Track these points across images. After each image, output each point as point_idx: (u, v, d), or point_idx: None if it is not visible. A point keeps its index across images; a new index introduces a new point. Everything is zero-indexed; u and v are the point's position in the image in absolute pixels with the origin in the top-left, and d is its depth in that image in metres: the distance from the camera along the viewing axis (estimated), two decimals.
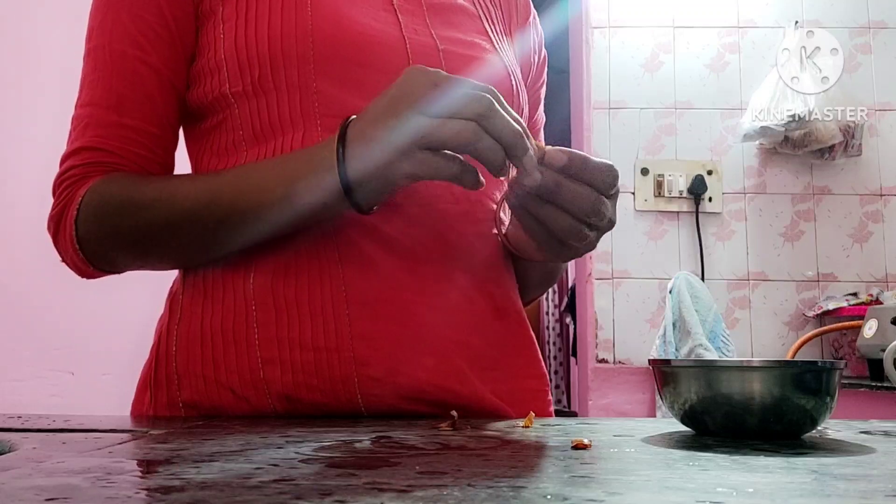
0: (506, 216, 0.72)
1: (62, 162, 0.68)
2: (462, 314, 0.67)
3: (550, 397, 0.76)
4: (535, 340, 0.75)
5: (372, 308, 0.63)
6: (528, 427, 0.56)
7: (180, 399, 0.66)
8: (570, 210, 0.57)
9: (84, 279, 0.71)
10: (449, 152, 0.55)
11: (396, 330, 0.63)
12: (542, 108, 0.89)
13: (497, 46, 0.76)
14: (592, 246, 0.62)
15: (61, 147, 0.69)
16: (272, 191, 0.60)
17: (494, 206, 0.72)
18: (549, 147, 0.57)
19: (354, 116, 0.59)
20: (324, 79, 0.64)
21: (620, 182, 0.62)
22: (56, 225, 0.68)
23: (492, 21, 0.79)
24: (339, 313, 0.63)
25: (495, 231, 0.71)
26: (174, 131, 0.71)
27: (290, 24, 0.65)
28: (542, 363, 0.76)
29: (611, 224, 0.61)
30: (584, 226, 0.59)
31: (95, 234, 0.65)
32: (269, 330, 0.63)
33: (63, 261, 0.69)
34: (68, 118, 0.70)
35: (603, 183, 0.58)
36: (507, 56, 0.77)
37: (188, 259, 0.68)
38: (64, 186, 0.67)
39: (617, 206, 0.62)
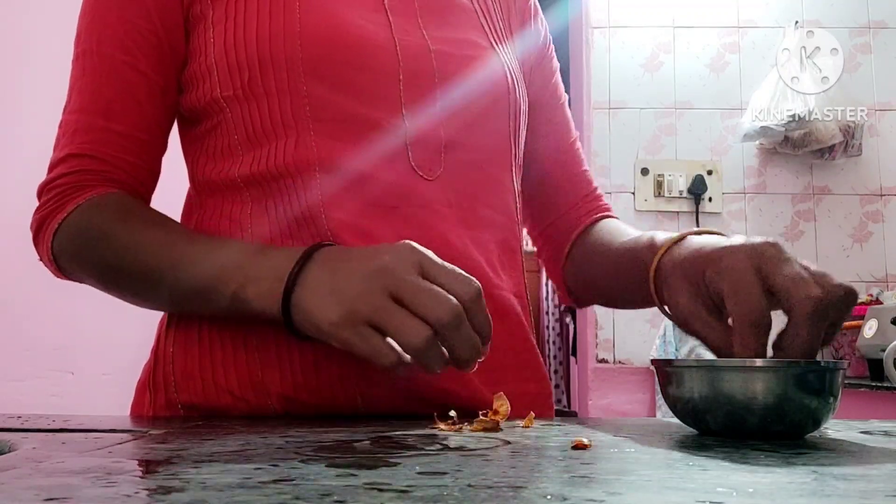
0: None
1: (50, 168, 0.68)
2: None
3: (552, 401, 0.75)
4: (536, 344, 0.74)
5: None
6: (528, 427, 0.56)
7: (178, 400, 0.66)
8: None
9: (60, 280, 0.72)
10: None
11: None
12: (558, 79, 0.87)
13: (493, 43, 0.75)
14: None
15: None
16: (224, 288, 0.59)
17: (487, 211, 0.71)
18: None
19: (329, 246, 0.59)
20: (313, 81, 0.64)
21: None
22: (37, 229, 0.68)
23: (489, 16, 0.77)
24: None
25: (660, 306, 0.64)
26: (163, 136, 0.71)
27: (278, 26, 0.64)
28: (544, 366, 0.75)
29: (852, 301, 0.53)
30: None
31: (68, 253, 0.66)
32: (267, 332, 0.63)
33: (40, 259, 0.70)
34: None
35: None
36: (505, 52, 0.76)
37: (143, 304, 0.68)
38: (52, 195, 0.67)
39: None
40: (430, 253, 0.55)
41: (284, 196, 0.64)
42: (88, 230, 0.65)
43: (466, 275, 0.54)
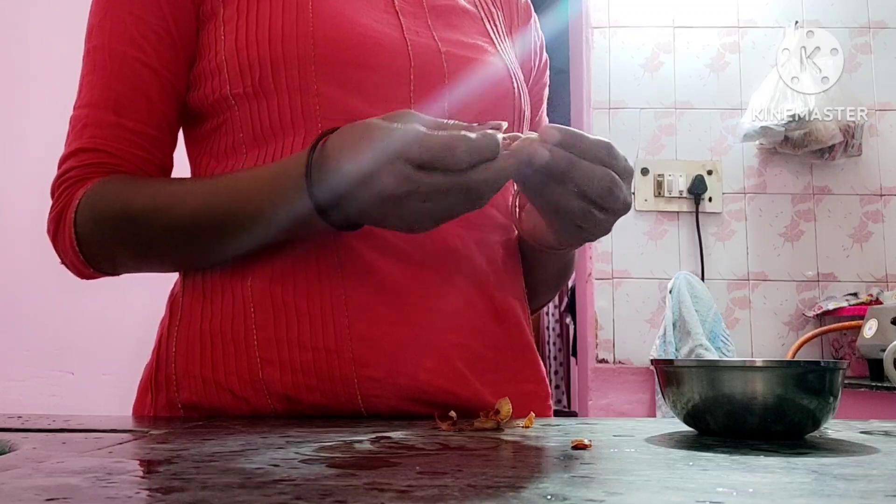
0: (519, 206, 0.71)
1: (60, 163, 0.68)
2: (462, 317, 0.67)
3: (550, 402, 0.75)
4: (535, 346, 0.74)
5: (371, 311, 0.63)
6: (528, 427, 0.56)
7: (179, 400, 0.66)
8: (581, 191, 0.56)
9: (83, 280, 0.71)
10: None
11: (396, 332, 0.63)
12: (545, 108, 0.88)
13: (499, 48, 0.76)
14: (606, 230, 0.61)
15: (61, 148, 0.69)
16: (262, 208, 0.59)
17: (494, 212, 0.72)
18: (544, 125, 0.56)
19: (334, 132, 0.57)
20: (325, 81, 0.64)
21: None
22: (55, 226, 0.68)
23: (493, 22, 0.79)
24: (338, 315, 0.63)
25: (515, 226, 0.70)
26: (173, 133, 0.71)
27: (290, 25, 0.64)
28: (542, 368, 0.75)
29: (626, 207, 0.59)
30: (594, 207, 0.58)
31: (95, 237, 0.65)
32: (268, 331, 0.63)
33: (62, 262, 0.69)
34: (68, 119, 0.70)
35: (602, 161, 0.57)
36: (509, 57, 0.77)
37: (187, 264, 0.68)
38: (63, 188, 0.67)
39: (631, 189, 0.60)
40: (410, 146, 0.52)
41: None
42: (107, 207, 0.64)
43: (448, 148, 0.51)
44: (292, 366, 0.62)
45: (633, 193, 2.36)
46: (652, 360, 0.56)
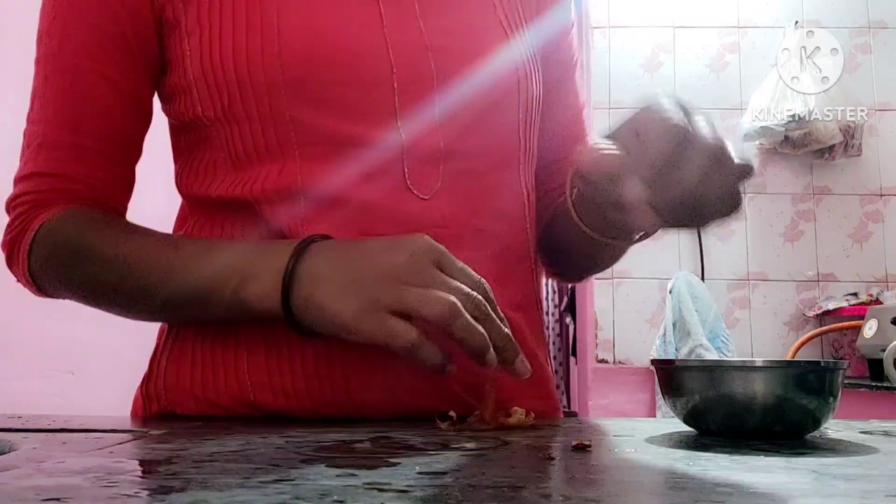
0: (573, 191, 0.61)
1: (16, 183, 0.65)
2: None
3: (559, 416, 0.71)
4: (543, 358, 0.69)
5: None
6: (528, 427, 0.56)
7: (172, 412, 0.65)
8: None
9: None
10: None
11: (391, 355, 0.59)
12: (574, 48, 0.80)
13: (505, 24, 0.67)
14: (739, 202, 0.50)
15: None
16: (221, 290, 0.57)
17: (489, 223, 0.65)
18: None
19: (323, 239, 0.57)
20: (298, 104, 0.59)
21: None
22: (9, 252, 0.66)
23: None
24: (330, 339, 0.59)
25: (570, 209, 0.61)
26: (136, 146, 0.67)
27: (255, 44, 0.58)
28: (552, 382, 0.71)
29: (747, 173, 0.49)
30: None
31: (47, 274, 0.64)
32: (259, 356, 0.61)
33: (17, 280, 0.67)
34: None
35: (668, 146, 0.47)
36: (518, 33, 0.68)
37: (133, 317, 0.67)
38: (18, 212, 0.64)
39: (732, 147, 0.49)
40: (445, 250, 0.55)
41: (262, 225, 0.61)
42: (64, 248, 0.62)
43: (476, 275, 0.55)
44: (284, 390, 0.60)
45: None
46: (652, 361, 0.56)
